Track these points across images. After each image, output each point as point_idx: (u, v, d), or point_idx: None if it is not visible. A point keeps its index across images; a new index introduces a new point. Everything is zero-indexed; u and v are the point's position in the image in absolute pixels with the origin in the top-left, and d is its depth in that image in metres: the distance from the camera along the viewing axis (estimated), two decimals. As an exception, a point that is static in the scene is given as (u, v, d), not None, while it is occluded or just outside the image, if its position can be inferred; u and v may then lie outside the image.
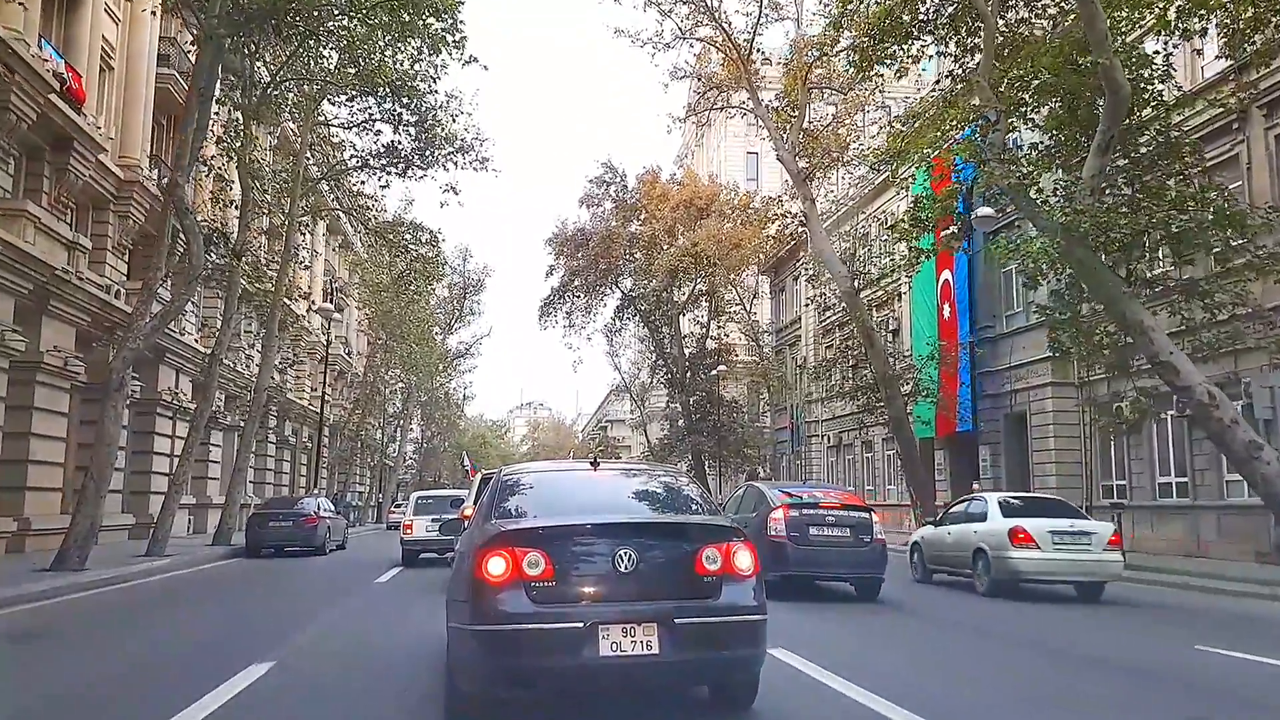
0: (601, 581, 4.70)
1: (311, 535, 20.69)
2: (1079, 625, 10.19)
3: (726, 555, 4.86)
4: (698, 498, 5.65)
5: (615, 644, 4.52)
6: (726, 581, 4.81)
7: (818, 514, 11.70)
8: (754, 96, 23.97)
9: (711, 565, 4.82)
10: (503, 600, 4.56)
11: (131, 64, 22.28)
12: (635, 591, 4.68)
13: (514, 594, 4.56)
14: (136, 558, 16.09)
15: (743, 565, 4.90)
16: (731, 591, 4.81)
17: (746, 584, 4.89)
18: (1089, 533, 12.30)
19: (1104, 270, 13.42)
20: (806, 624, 9.36)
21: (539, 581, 4.60)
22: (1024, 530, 12.02)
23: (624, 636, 4.54)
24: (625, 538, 4.78)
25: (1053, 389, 23.71)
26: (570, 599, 4.64)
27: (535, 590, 4.59)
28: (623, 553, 4.68)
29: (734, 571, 4.86)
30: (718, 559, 4.84)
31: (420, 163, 21.80)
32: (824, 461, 40.64)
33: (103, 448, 13.73)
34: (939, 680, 6.75)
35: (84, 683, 6.43)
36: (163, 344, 23.20)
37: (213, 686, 5.81)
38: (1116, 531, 12.88)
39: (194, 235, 14.48)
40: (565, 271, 44.70)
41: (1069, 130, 14.93)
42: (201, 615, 10.59)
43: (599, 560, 4.73)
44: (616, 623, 4.55)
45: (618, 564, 4.67)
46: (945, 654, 8.20)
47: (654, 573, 4.76)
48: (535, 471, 6.58)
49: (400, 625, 9.33)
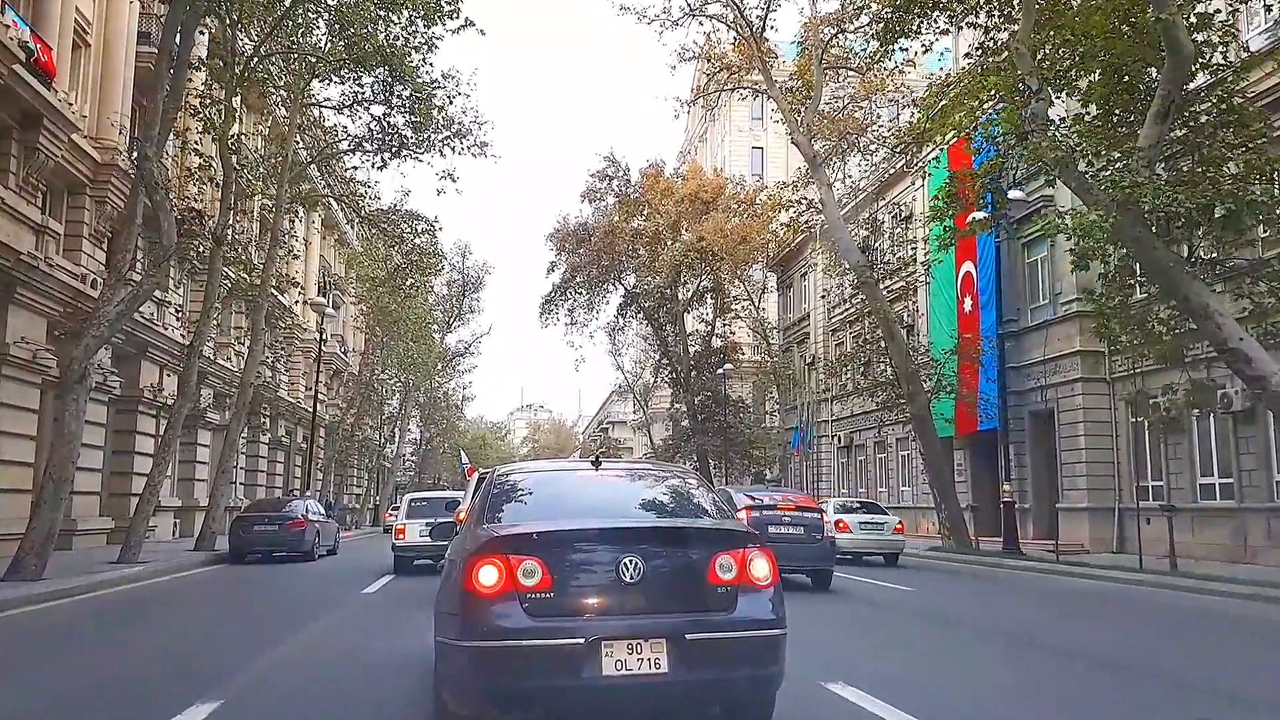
0: (604, 593, 4.32)
1: (299, 540, 19.46)
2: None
3: (742, 563, 4.48)
4: (709, 500, 5.24)
5: (620, 662, 4.15)
6: (742, 592, 4.44)
7: (775, 514, 13.32)
8: (767, 77, 22.76)
9: (725, 574, 4.43)
10: (495, 613, 4.19)
11: (109, 42, 21.06)
12: (642, 604, 4.31)
13: (508, 606, 4.20)
14: (107, 565, 14.87)
15: (760, 574, 4.51)
16: (748, 603, 4.43)
17: (764, 595, 4.50)
18: (882, 523, 19.07)
19: (1164, 249, 12.19)
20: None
21: (535, 592, 4.23)
22: (843, 521, 18.22)
23: (629, 654, 4.17)
24: (630, 544, 4.39)
25: (1083, 385, 22.52)
26: (570, 612, 4.27)
27: (531, 602, 4.22)
28: (628, 561, 4.30)
29: (750, 581, 4.48)
30: (732, 567, 4.45)
31: (415, 143, 20.49)
32: (834, 463, 39.40)
33: (64, 446, 12.47)
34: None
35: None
36: (145, 338, 22.07)
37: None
38: (901, 522, 19.88)
39: (165, 213, 13.24)
40: (567, 268, 43.84)
41: (1121, 99, 13.71)
42: (151, 636, 9.16)
43: (602, 569, 4.36)
44: (621, 638, 4.19)
45: (622, 573, 4.29)
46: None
47: (662, 583, 4.38)
48: (532, 471, 6.10)
49: (384, 647, 8.07)
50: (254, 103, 28.83)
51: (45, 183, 18.61)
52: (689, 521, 4.99)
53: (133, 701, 5.85)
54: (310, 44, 19.66)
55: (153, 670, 7.09)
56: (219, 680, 6.15)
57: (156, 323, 22.58)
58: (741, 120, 59.14)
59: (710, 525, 4.90)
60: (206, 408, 26.81)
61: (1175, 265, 12.07)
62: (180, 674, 6.74)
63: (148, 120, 13.31)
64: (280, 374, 35.28)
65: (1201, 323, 12.03)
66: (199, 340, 18.41)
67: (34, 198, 17.89)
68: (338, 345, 43.15)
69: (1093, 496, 22.08)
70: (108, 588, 12.82)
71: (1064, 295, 23.16)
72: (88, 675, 6.86)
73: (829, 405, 39.08)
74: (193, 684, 5.95)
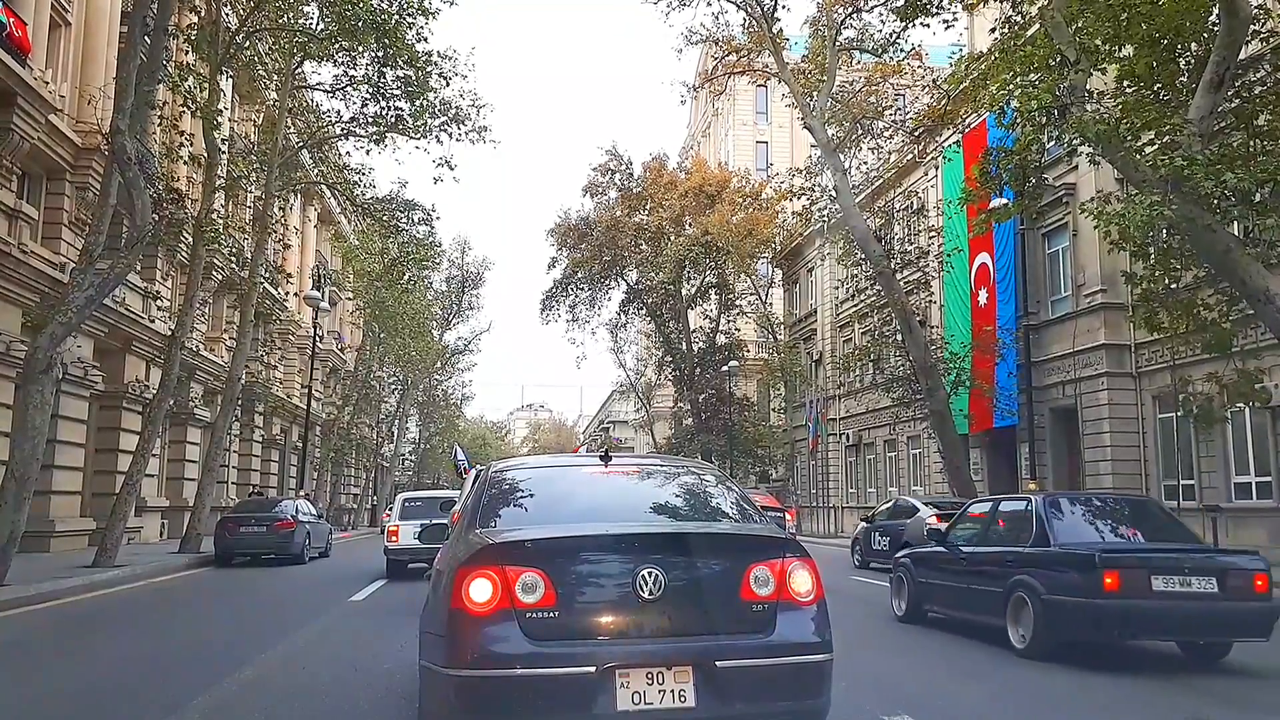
0: (618, 611, 3.71)
1: (288, 542, 18.52)
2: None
3: (780, 576, 3.86)
4: (734, 501, 4.56)
5: (638, 694, 3.56)
6: (781, 610, 3.83)
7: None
8: (778, 58, 21.80)
9: (762, 589, 3.82)
10: (489, 635, 3.59)
11: (91, 21, 20.13)
12: (663, 625, 3.71)
13: (504, 627, 3.60)
14: (79, 569, 13.92)
15: (801, 588, 3.89)
16: (788, 623, 3.81)
17: (806, 613, 3.88)
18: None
19: (1221, 230, 11.25)
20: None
21: (536, 611, 3.63)
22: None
23: (649, 684, 3.57)
24: (649, 553, 3.76)
25: (1108, 379, 21.57)
26: (577, 634, 3.66)
27: (531, 622, 3.61)
28: (646, 573, 3.68)
29: (790, 597, 3.86)
30: (769, 581, 3.84)
31: (412, 115, 19.47)
32: (842, 462, 38.48)
33: (27, 441, 11.51)
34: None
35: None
36: (129, 331, 21.15)
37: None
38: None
39: (138, 190, 12.26)
40: (568, 263, 43.05)
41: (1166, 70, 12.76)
42: (98, 655, 7.85)
43: (614, 583, 3.74)
44: (639, 666, 3.60)
45: (639, 588, 3.67)
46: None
47: (687, 600, 3.76)
48: (533, 467, 5.40)
49: (365, 665, 7.14)
50: (245, 91, 27.95)
51: (20, 166, 17.68)
52: (717, 526, 4.33)
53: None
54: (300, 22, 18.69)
55: (81, 703, 5.95)
56: (162, 715, 5.19)
57: (142, 315, 21.66)
58: (745, 114, 58.23)
59: (742, 530, 4.26)
60: (195, 405, 25.88)
61: (1234, 245, 11.12)
62: (117, 706, 5.75)
63: (119, 91, 12.34)
64: (274, 370, 34.34)
65: (1260, 307, 11.08)
66: (181, 330, 17.46)
67: (8, 181, 16.97)
68: (334, 341, 42.24)
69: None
70: (74, 595, 11.88)
71: (1087, 287, 22.23)
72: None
73: (837, 403, 38.16)
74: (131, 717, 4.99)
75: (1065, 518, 8.27)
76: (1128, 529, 8.41)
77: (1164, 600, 7.05)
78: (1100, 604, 7.04)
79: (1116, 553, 7.44)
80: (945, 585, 9.30)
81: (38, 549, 17.11)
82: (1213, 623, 7.27)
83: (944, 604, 9.51)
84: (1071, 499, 9.42)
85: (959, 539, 9.36)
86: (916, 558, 10.11)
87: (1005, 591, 7.94)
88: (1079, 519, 8.38)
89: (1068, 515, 8.36)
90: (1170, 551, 7.56)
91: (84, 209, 19.77)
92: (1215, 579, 7.18)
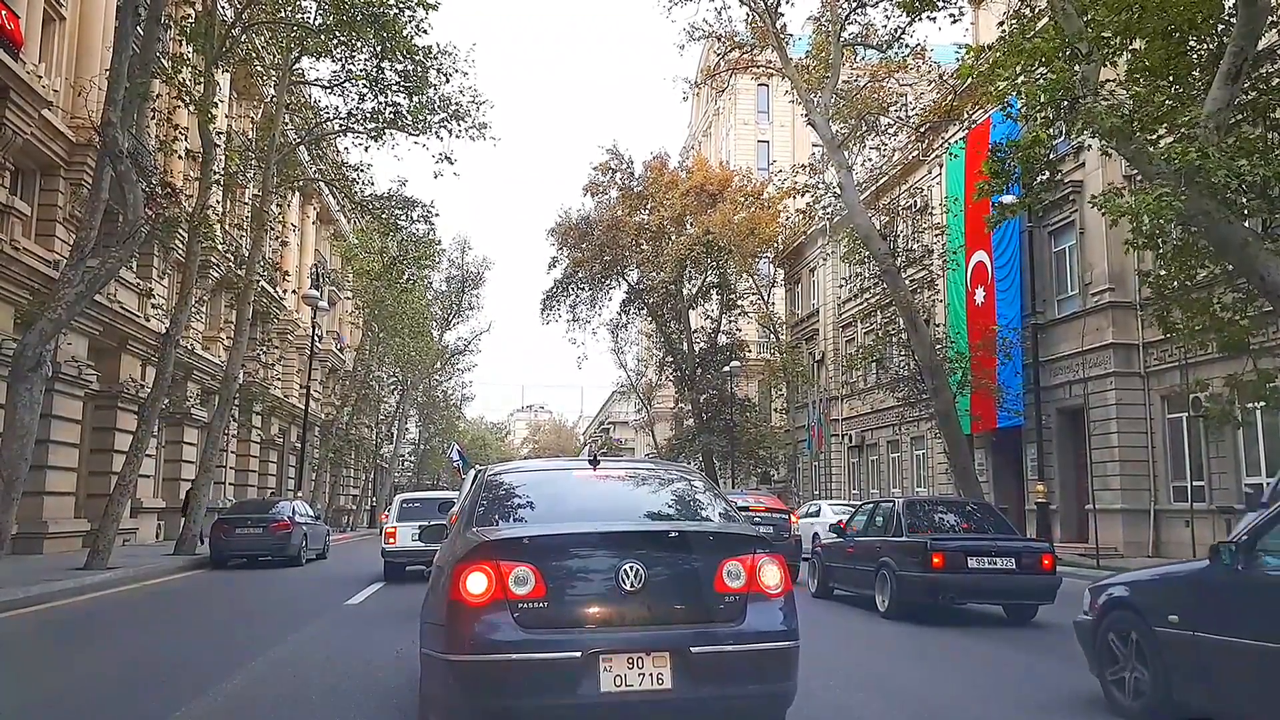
0: (603, 602, 4.04)
1: (284, 544, 18.24)
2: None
3: (751, 570, 4.19)
4: (716, 502, 4.93)
5: (619, 677, 3.88)
6: (751, 601, 4.15)
7: (748, 514, 13.12)
8: (782, 54, 21.52)
9: (734, 582, 4.16)
10: (484, 625, 3.91)
11: (86, 15, 19.91)
12: (643, 614, 4.03)
13: (498, 617, 3.91)
14: (70, 572, 13.62)
15: (770, 582, 4.22)
16: (758, 614, 4.14)
17: (775, 604, 4.21)
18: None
19: (1238, 224, 10.96)
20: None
21: (528, 602, 3.94)
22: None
23: (630, 668, 3.90)
24: (631, 550, 4.09)
25: (1116, 379, 21.28)
26: (565, 623, 3.99)
27: (523, 612, 3.93)
28: (628, 568, 4.01)
29: (760, 589, 4.19)
30: (741, 575, 4.17)
31: (411, 111, 19.18)
32: (844, 463, 38.18)
33: (15, 440, 11.25)
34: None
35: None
36: (125, 330, 20.88)
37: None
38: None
39: (131, 184, 12.00)
40: (569, 263, 42.77)
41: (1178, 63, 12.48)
42: (78, 663, 7.48)
43: (600, 577, 4.08)
44: (621, 652, 3.91)
45: (622, 581, 4.00)
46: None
47: (666, 592, 4.10)
48: (526, 470, 5.86)
49: (359, 673, 6.86)
50: (242, 87, 27.68)
51: (13, 161, 17.43)
52: (694, 525, 4.64)
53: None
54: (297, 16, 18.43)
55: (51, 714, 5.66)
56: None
57: (137, 313, 21.40)
58: (747, 113, 57.95)
59: (717, 529, 4.58)
60: (192, 405, 25.60)
61: (1253, 241, 10.84)
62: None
63: (111, 82, 12.06)
64: (273, 370, 34.07)
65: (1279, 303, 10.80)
66: (175, 328, 17.16)
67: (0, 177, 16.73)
68: (333, 341, 41.98)
69: (1126, 498, 20.84)
70: (64, 598, 11.56)
71: (1095, 285, 21.95)
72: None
73: (839, 404, 37.87)
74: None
75: (916, 516, 11.29)
76: (962, 524, 11.34)
77: (976, 574, 9.92)
78: (931, 576, 9.81)
79: (943, 540, 10.26)
80: (843, 567, 12.22)
81: (31, 550, 16.84)
82: (1012, 590, 10.16)
83: (842, 582, 12.31)
84: (925, 502, 15.12)
85: (852, 533, 12.19)
86: (825, 547, 13.01)
87: (875, 569, 10.84)
88: (927, 516, 11.55)
89: (918, 514, 11.48)
90: (982, 539, 10.50)
91: (78, 205, 19.50)
92: (1014, 559, 10.04)
